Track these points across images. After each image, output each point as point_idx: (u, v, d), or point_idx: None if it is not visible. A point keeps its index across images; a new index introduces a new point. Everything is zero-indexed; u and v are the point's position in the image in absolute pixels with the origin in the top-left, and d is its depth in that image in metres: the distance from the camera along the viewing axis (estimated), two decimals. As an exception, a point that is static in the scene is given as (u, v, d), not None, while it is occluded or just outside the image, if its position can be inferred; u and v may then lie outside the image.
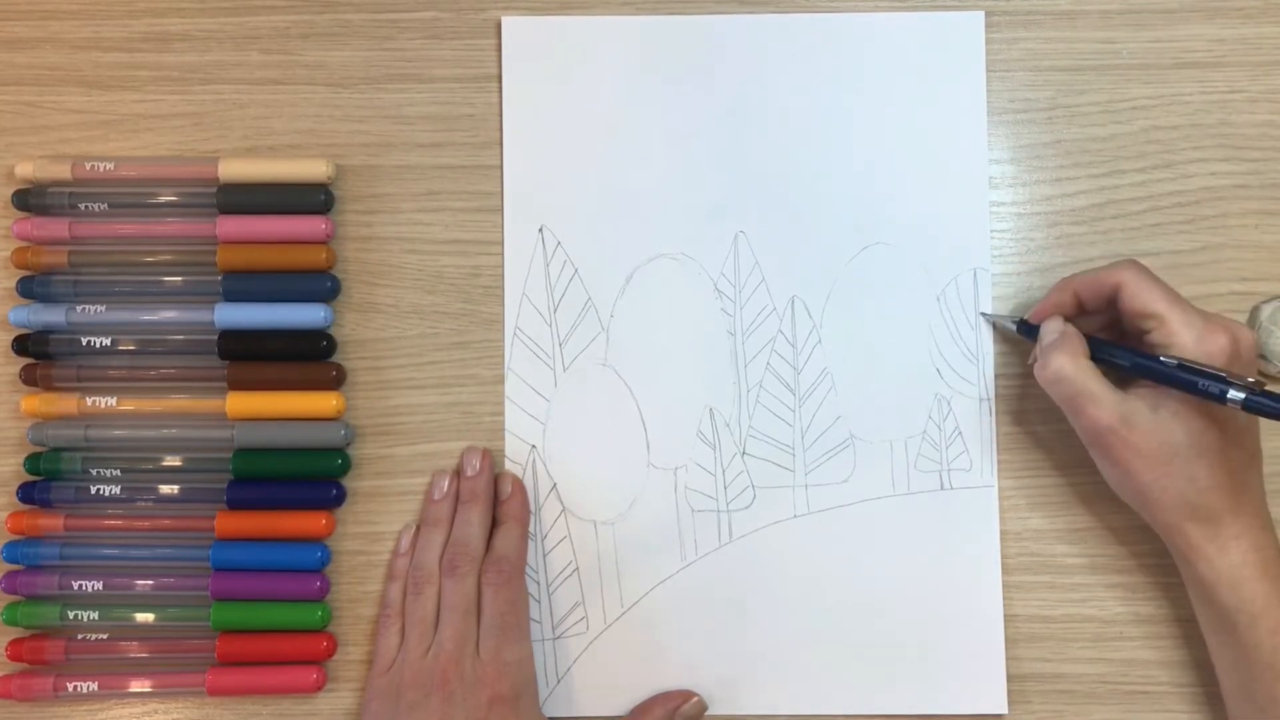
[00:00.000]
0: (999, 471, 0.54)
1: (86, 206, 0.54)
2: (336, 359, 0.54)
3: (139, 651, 0.53)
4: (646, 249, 0.55)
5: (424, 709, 0.49)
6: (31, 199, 0.54)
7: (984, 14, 0.55)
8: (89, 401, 0.53)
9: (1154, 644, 0.53)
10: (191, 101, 0.55)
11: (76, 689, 0.53)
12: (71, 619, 0.53)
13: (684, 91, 0.55)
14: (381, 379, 0.55)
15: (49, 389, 0.54)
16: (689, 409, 0.54)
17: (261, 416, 0.53)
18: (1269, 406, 0.44)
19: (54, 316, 0.53)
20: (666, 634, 0.53)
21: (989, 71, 0.55)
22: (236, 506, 0.53)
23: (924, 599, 0.53)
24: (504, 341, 0.55)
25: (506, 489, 0.53)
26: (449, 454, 0.54)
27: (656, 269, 0.55)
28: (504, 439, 0.54)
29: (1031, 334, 0.51)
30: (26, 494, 0.53)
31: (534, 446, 0.54)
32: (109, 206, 0.54)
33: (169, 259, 0.54)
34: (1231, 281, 0.54)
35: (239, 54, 0.56)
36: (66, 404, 0.53)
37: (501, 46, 0.55)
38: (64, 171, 0.54)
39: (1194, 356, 0.46)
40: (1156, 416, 0.47)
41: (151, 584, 0.53)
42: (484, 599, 0.51)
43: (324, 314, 0.53)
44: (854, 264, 0.54)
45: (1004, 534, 0.54)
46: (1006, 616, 0.53)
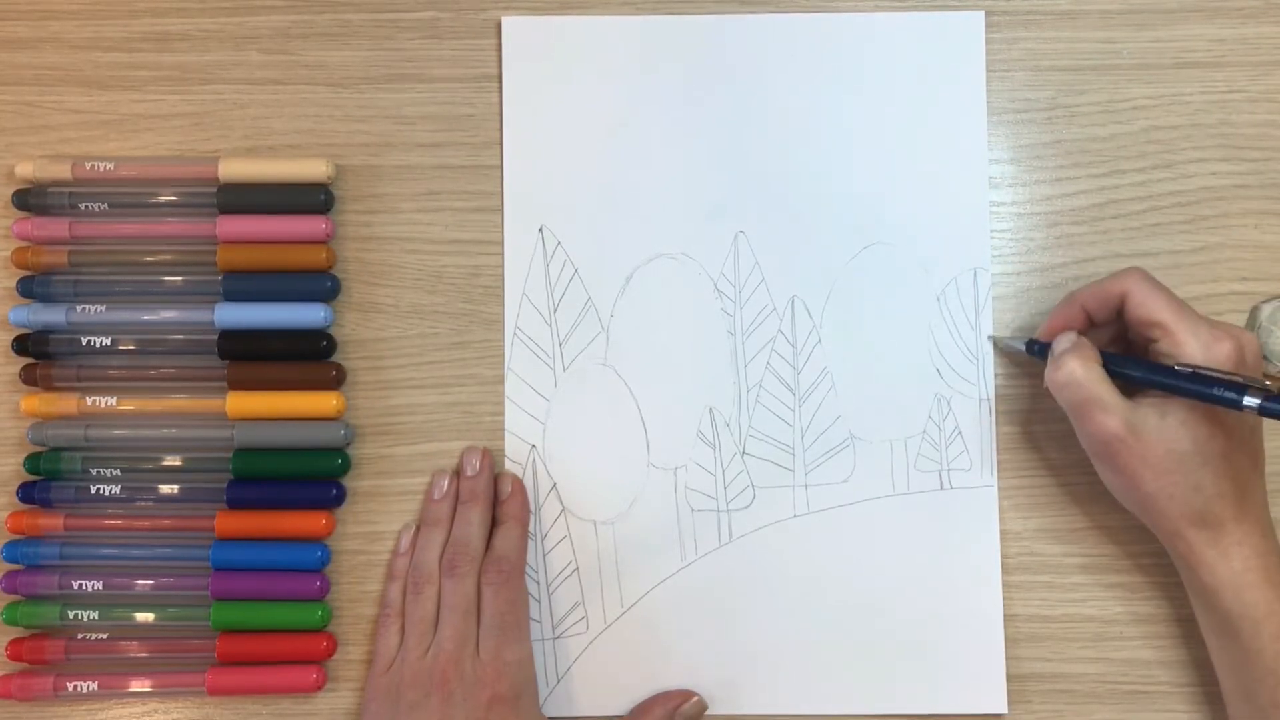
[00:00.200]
0: (999, 471, 0.54)
1: (86, 206, 0.54)
2: (336, 359, 0.54)
3: (139, 651, 0.53)
4: (646, 249, 0.55)
5: (424, 709, 0.49)
6: (31, 199, 0.54)
7: (984, 14, 0.55)
8: (89, 401, 0.53)
9: (1154, 644, 0.53)
10: (191, 101, 0.56)
11: (76, 689, 0.53)
12: (71, 619, 0.53)
13: (684, 91, 0.55)
14: (381, 379, 0.55)
15: (49, 389, 0.54)
16: (689, 409, 0.54)
17: (261, 416, 0.53)
18: None
19: (54, 316, 0.53)
20: (666, 634, 0.53)
21: (989, 71, 0.55)
22: (236, 506, 0.53)
23: (924, 599, 0.53)
24: (504, 341, 0.55)
25: (506, 489, 0.53)
26: (449, 454, 0.54)
27: (656, 269, 0.55)
28: (504, 439, 0.54)
29: (1042, 352, 0.51)
30: (26, 494, 0.53)
31: (534, 446, 0.54)
32: (109, 206, 0.54)
33: (169, 259, 0.54)
34: (1231, 281, 0.54)
35: (239, 54, 0.56)
36: (66, 404, 0.54)
37: (501, 46, 0.55)
38: (64, 171, 0.54)
39: (1201, 364, 0.46)
40: (1164, 424, 0.47)
41: (151, 584, 0.53)
42: (484, 599, 0.51)
43: (324, 314, 0.53)
44: (854, 264, 0.54)
45: (1004, 534, 0.54)
46: (1006, 616, 0.53)
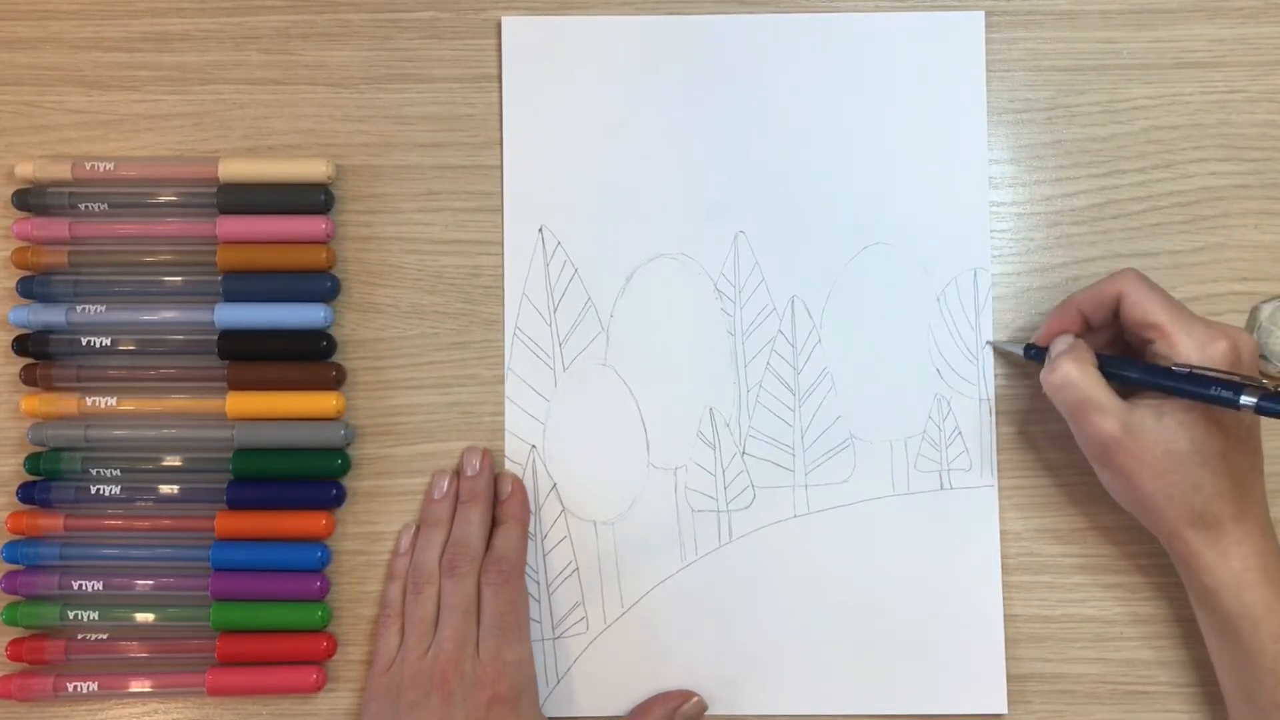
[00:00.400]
0: (999, 471, 0.54)
1: (86, 206, 0.54)
2: (336, 359, 0.54)
3: (139, 651, 0.53)
4: (646, 249, 0.55)
5: (424, 709, 0.49)
6: (31, 199, 0.54)
7: (984, 14, 0.55)
8: (89, 401, 0.53)
9: (1154, 644, 0.53)
10: (191, 101, 0.55)
11: (76, 689, 0.53)
12: (71, 619, 0.53)
13: (684, 91, 0.55)
14: (381, 379, 0.55)
15: (49, 389, 0.54)
16: (689, 409, 0.54)
17: (261, 416, 0.53)
18: None
19: (54, 316, 0.53)
20: (666, 634, 0.53)
21: (989, 71, 0.55)
22: (236, 506, 0.53)
23: (924, 599, 0.53)
24: (504, 341, 0.54)
25: (506, 489, 0.53)
26: (449, 454, 0.54)
27: (656, 269, 0.55)
28: (504, 439, 0.54)
29: (1040, 356, 0.51)
30: (26, 494, 0.53)
31: (534, 446, 0.54)
32: (109, 206, 0.54)
33: (169, 259, 0.54)
34: (1231, 281, 0.54)
35: (239, 54, 0.56)
36: (66, 404, 0.53)
37: (501, 46, 0.55)
38: (64, 171, 0.54)
39: (1197, 364, 0.46)
40: (1161, 425, 0.47)
41: (151, 584, 0.53)
42: (484, 599, 0.51)
43: (324, 314, 0.53)
44: (854, 264, 0.54)
45: (1004, 534, 0.54)
46: (1006, 616, 0.53)
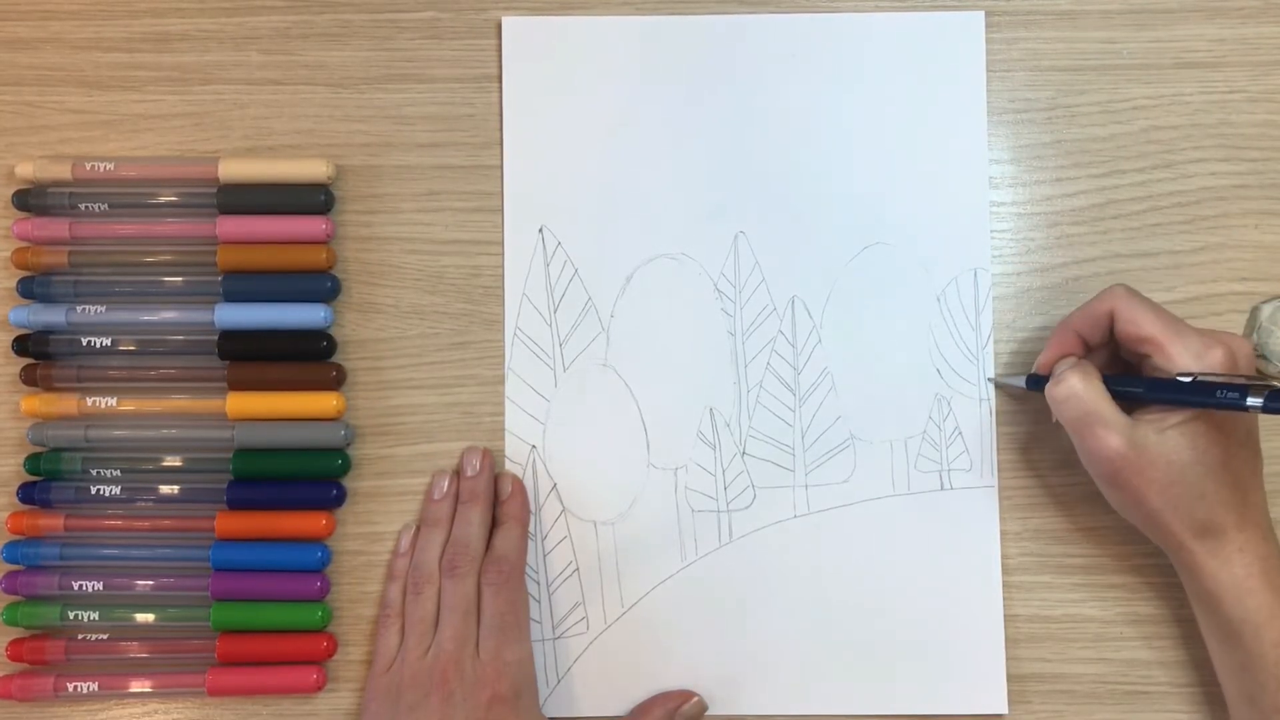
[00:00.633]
0: (999, 471, 0.54)
1: (86, 206, 0.54)
2: (336, 359, 0.54)
3: (139, 651, 0.53)
4: (646, 249, 0.55)
5: (423, 709, 0.49)
6: (31, 199, 0.54)
7: (984, 14, 0.55)
8: (89, 402, 0.53)
9: (1154, 644, 0.53)
10: (191, 101, 0.55)
11: (77, 689, 0.53)
12: (72, 619, 0.53)
13: (684, 91, 0.55)
14: (381, 379, 0.55)
15: (49, 389, 0.54)
16: (689, 409, 0.54)
17: (261, 417, 0.53)
18: None
19: (54, 316, 0.53)
20: (666, 634, 0.53)
21: (989, 71, 0.55)
22: (236, 506, 0.53)
23: (924, 599, 0.53)
24: (504, 341, 0.54)
25: (506, 489, 0.53)
26: (449, 454, 0.54)
27: (656, 269, 0.55)
28: (504, 439, 0.54)
29: (1041, 385, 0.50)
30: (26, 494, 0.53)
31: (534, 446, 0.54)
32: (109, 206, 0.54)
33: (169, 259, 0.54)
34: (1231, 281, 0.54)
35: (239, 54, 0.56)
36: (66, 404, 0.53)
37: (501, 46, 0.55)
38: (64, 171, 0.54)
39: (1196, 372, 0.46)
40: (1163, 439, 0.47)
41: (151, 584, 0.53)
42: (484, 599, 0.51)
43: (324, 314, 0.53)
44: (854, 264, 0.54)
45: (1004, 534, 0.53)
46: (1006, 616, 0.53)
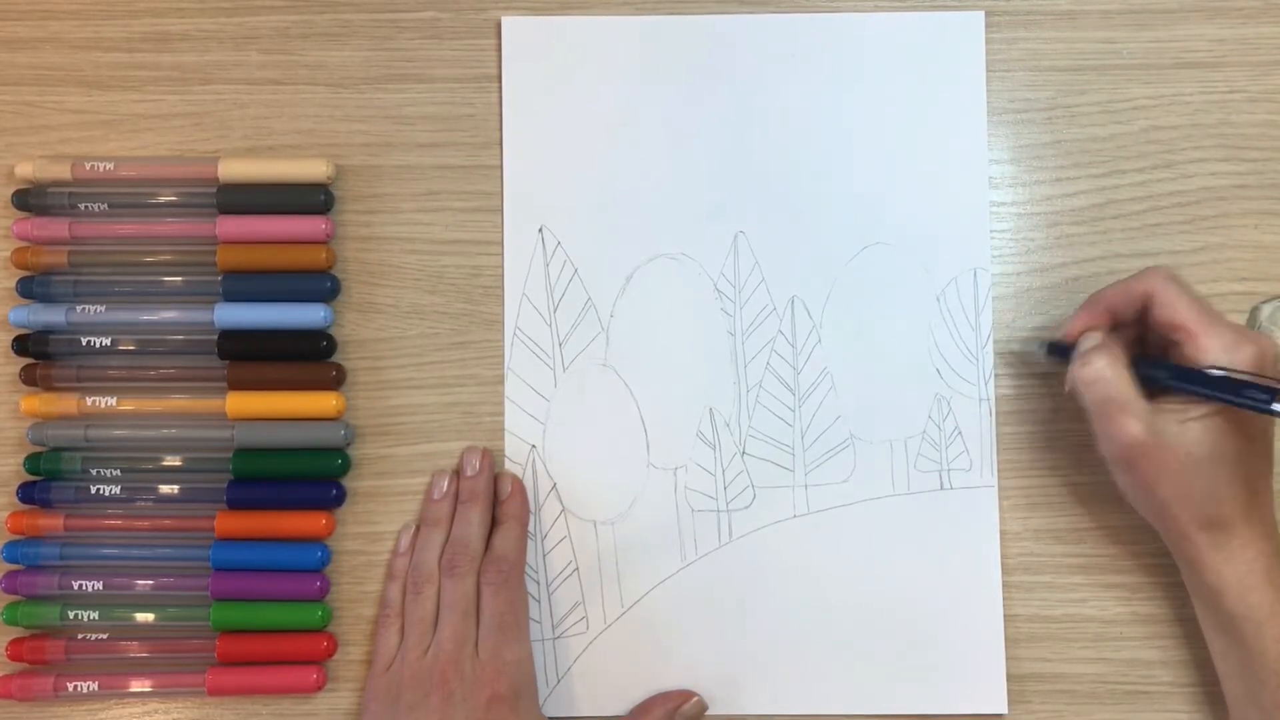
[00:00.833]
0: (999, 471, 0.54)
1: (86, 206, 0.54)
2: (336, 359, 0.54)
3: (139, 651, 0.53)
4: (646, 249, 0.55)
5: (423, 709, 0.49)
6: (31, 199, 0.54)
7: (984, 14, 0.55)
8: (89, 401, 0.53)
9: (1154, 644, 0.53)
10: (191, 101, 0.55)
11: (77, 689, 0.53)
12: (72, 619, 0.53)
13: (684, 91, 0.55)
14: (381, 379, 0.55)
15: (49, 389, 0.54)
16: (689, 409, 0.54)
17: (261, 416, 0.53)
18: None
19: (54, 316, 0.53)
20: (666, 634, 0.53)
21: (989, 71, 0.55)
22: (236, 506, 0.53)
23: (924, 599, 0.53)
24: (504, 341, 0.54)
25: (506, 489, 0.53)
26: (449, 454, 0.54)
27: (656, 269, 0.55)
28: (504, 439, 0.54)
29: (1063, 354, 0.50)
30: (26, 494, 0.53)
31: (534, 446, 0.54)
32: (109, 206, 0.54)
33: (169, 259, 0.54)
34: (1231, 281, 0.54)
35: (239, 54, 0.56)
36: (66, 404, 0.53)
37: (501, 46, 0.55)
38: (64, 171, 0.54)
39: (1225, 367, 0.46)
40: (1184, 430, 0.46)
41: (151, 584, 0.53)
42: (483, 599, 0.51)
43: (324, 314, 0.53)
44: (854, 264, 0.54)
45: (1004, 534, 0.53)
46: (1006, 616, 0.53)
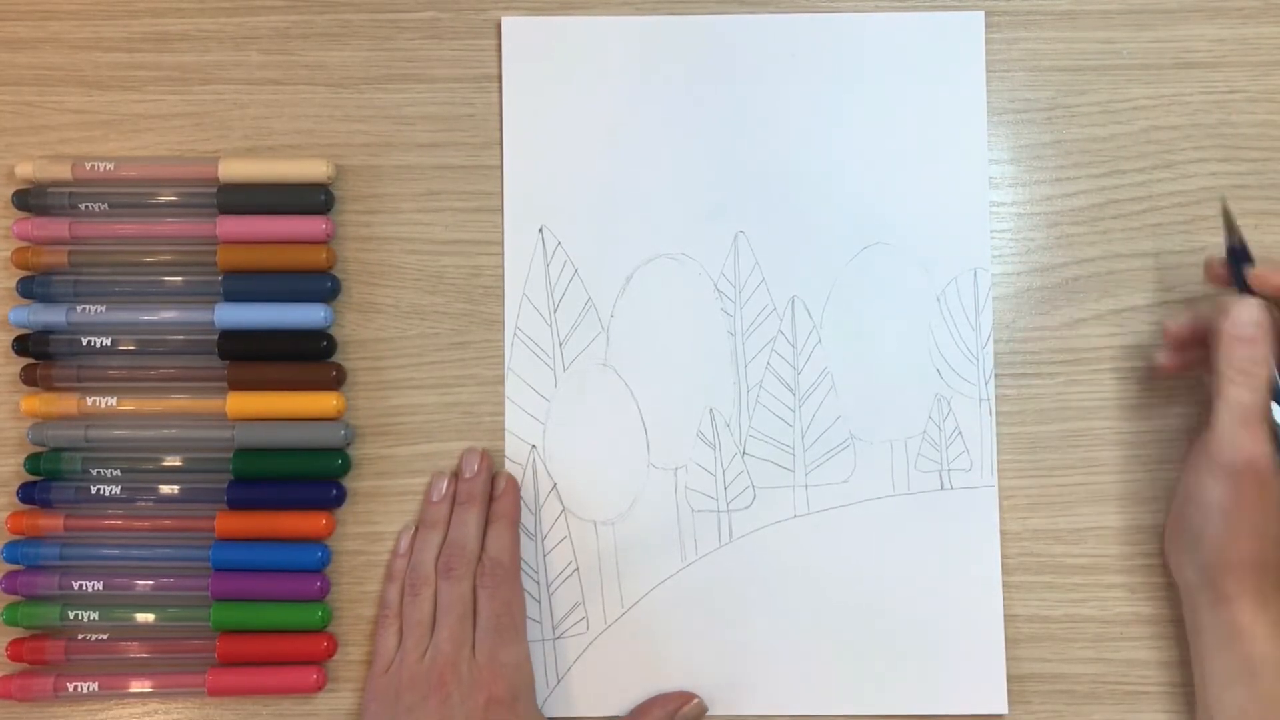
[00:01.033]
0: (999, 471, 0.54)
1: (86, 206, 0.54)
2: (336, 359, 0.54)
3: (139, 651, 0.53)
4: (646, 249, 0.55)
5: (421, 710, 0.49)
6: (31, 199, 0.54)
7: (984, 14, 0.55)
8: (89, 401, 0.53)
9: (1154, 644, 0.53)
10: (191, 101, 0.55)
11: (77, 689, 0.53)
12: (72, 619, 0.53)
13: (684, 91, 0.55)
14: (381, 379, 0.55)
15: (49, 389, 0.54)
16: (689, 409, 0.54)
17: (261, 416, 0.53)
18: None
19: (54, 316, 0.53)
20: (666, 634, 0.53)
21: (989, 71, 0.55)
22: (236, 506, 0.53)
23: (924, 599, 0.53)
24: (504, 341, 0.54)
25: (499, 487, 0.53)
26: (449, 454, 0.54)
27: (656, 269, 0.55)
28: (504, 439, 0.54)
29: (1239, 262, 0.48)
30: (26, 494, 0.53)
31: (534, 446, 0.54)
32: (109, 206, 0.54)
33: (169, 259, 0.54)
34: (1231, 281, 0.54)
35: (239, 54, 0.56)
36: (66, 404, 0.53)
37: (501, 46, 0.55)
38: (64, 171, 0.54)
39: None
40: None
41: (151, 584, 0.53)
42: (480, 601, 0.51)
43: (324, 314, 0.53)
44: (854, 264, 0.54)
45: (1004, 534, 0.53)
46: (1006, 616, 0.53)
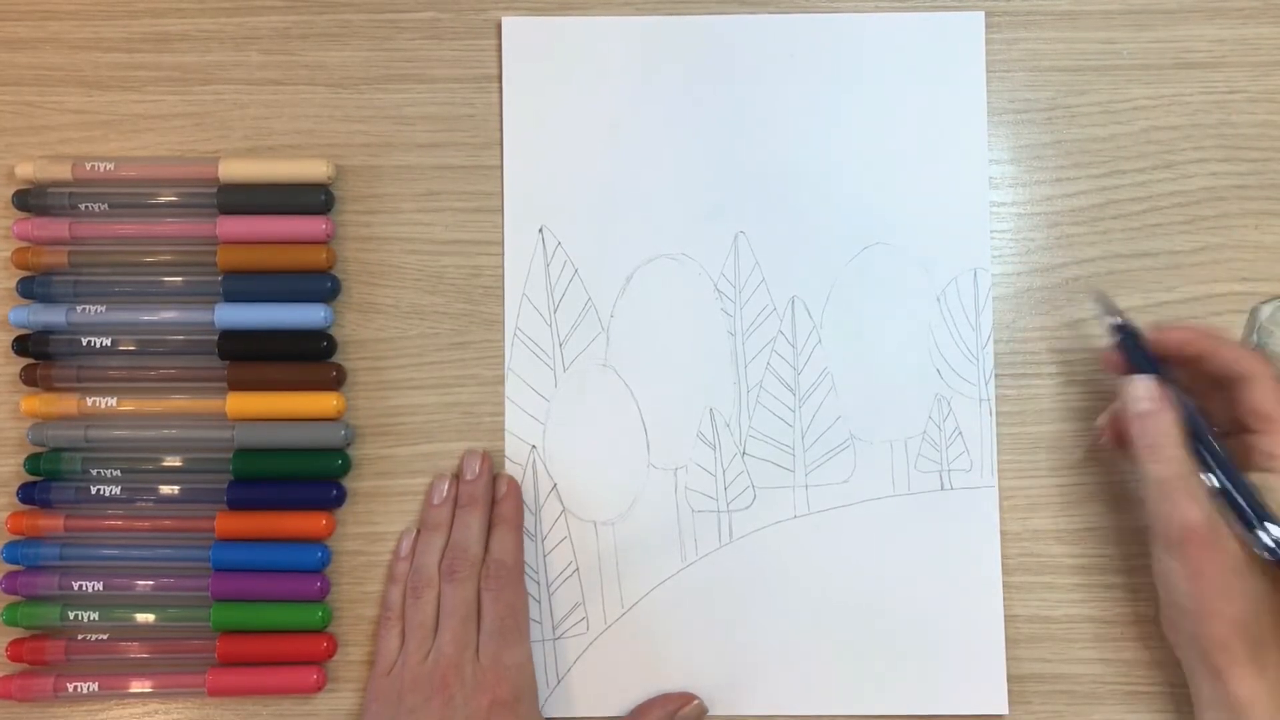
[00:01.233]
0: (999, 471, 0.54)
1: (86, 206, 0.54)
2: (336, 359, 0.54)
3: (139, 652, 0.53)
4: (646, 249, 0.55)
5: (424, 712, 0.49)
6: (31, 199, 0.54)
7: (984, 14, 0.55)
8: (89, 402, 0.53)
9: (1154, 644, 0.53)
10: (191, 101, 0.55)
11: (77, 689, 0.53)
12: (72, 619, 0.53)
13: (684, 91, 0.55)
14: (381, 379, 0.55)
15: (49, 389, 0.54)
16: (689, 409, 0.54)
17: (261, 417, 0.53)
18: None
19: (54, 316, 0.53)
20: (666, 634, 0.53)
21: (989, 71, 0.55)
22: (237, 507, 0.53)
23: (924, 599, 0.53)
24: (504, 342, 0.54)
25: (502, 489, 0.53)
26: (449, 454, 0.54)
27: (656, 269, 0.55)
28: (504, 439, 0.54)
29: (1130, 344, 0.48)
30: (26, 494, 0.53)
31: (534, 446, 0.54)
32: (109, 206, 0.54)
33: (169, 259, 0.54)
34: (1231, 281, 0.54)
35: (239, 54, 0.56)
36: (66, 404, 0.53)
37: (501, 46, 0.55)
38: (64, 171, 0.54)
39: None
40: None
41: (151, 584, 0.53)
42: (483, 604, 0.51)
43: (324, 314, 0.53)
44: (854, 264, 0.54)
45: (1004, 534, 0.53)
46: (1006, 616, 0.53)
